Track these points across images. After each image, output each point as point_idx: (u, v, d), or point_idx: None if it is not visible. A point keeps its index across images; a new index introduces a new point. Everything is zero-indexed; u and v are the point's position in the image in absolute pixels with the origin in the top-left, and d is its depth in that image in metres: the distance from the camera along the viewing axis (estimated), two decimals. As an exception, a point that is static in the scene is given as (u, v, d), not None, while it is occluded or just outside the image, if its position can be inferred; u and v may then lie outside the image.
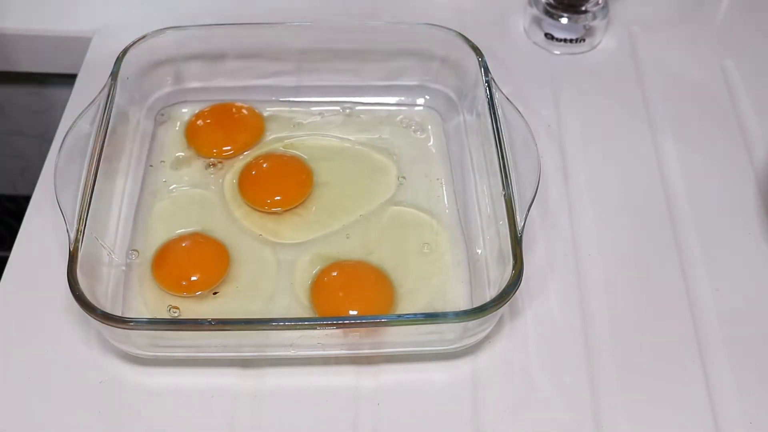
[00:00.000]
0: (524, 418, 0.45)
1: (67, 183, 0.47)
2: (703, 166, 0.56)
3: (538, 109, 0.59)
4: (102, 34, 0.64)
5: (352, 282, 0.49)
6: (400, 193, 0.54)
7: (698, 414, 0.45)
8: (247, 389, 0.45)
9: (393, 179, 0.55)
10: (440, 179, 0.55)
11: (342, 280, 0.49)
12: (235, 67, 0.58)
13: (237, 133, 0.56)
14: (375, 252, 0.51)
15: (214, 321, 0.43)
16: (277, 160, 0.55)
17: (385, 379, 0.46)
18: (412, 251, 0.51)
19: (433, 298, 0.49)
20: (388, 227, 0.52)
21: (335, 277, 0.49)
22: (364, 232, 0.52)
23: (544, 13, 0.63)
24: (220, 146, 0.56)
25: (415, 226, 0.52)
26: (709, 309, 0.49)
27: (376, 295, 0.49)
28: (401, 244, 0.51)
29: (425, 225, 0.52)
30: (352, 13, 0.66)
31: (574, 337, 0.48)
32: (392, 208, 0.53)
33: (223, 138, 0.56)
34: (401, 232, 0.52)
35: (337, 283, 0.49)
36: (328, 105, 0.59)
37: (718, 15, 0.68)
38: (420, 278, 0.49)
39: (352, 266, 0.50)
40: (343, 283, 0.49)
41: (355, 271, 0.50)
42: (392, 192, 0.54)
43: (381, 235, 0.52)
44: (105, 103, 0.51)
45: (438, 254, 0.51)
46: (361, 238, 0.51)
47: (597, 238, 0.52)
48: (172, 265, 0.49)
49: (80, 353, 0.46)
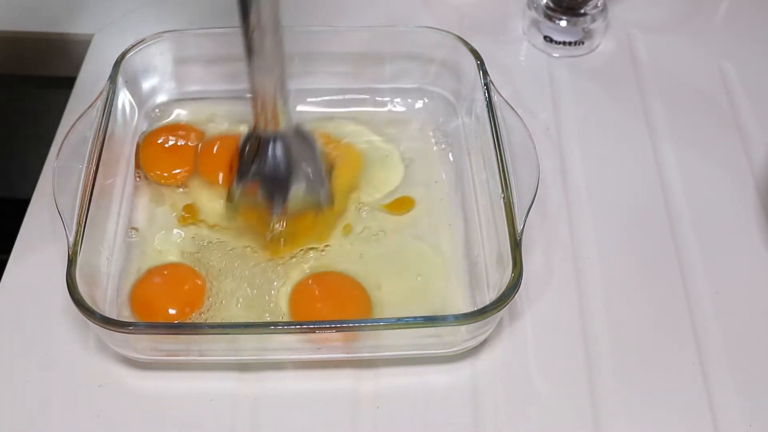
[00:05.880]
0: (524, 421, 0.45)
1: (66, 186, 0.47)
2: (702, 169, 0.56)
3: (537, 111, 0.60)
4: (101, 38, 0.64)
5: (328, 292, 0.49)
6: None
7: (698, 416, 0.45)
8: (247, 393, 0.45)
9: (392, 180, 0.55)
10: (438, 182, 0.55)
11: (318, 291, 0.49)
12: (235, 71, 0.57)
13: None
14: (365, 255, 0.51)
15: (213, 325, 0.43)
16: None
17: (384, 383, 0.46)
18: (410, 253, 0.51)
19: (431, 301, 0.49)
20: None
21: (310, 289, 0.49)
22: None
23: (543, 15, 0.63)
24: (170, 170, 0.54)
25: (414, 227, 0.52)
26: (708, 311, 0.49)
27: (352, 302, 0.49)
28: (398, 247, 0.51)
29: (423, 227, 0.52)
30: (351, 16, 0.66)
31: (573, 340, 0.48)
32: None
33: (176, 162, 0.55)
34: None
35: (313, 294, 0.49)
36: (326, 107, 0.59)
37: (717, 17, 0.68)
38: (417, 281, 0.49)
39: (325, 277, 0.50)
40: (319, 293, 0.49)
41: (330, 282, 0.49)
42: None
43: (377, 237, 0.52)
44: (104, 107, 0.51)
45: (436, 257, 0.51)
46: (357, 241, 0.51)
47: (596, 241, 0.52)
48: (145, 306, 0.48)
49: (79, 357, 0.46)
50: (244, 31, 0.42)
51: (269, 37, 0.42)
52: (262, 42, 0.42)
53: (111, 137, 0.51)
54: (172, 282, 0.49)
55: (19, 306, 0.49)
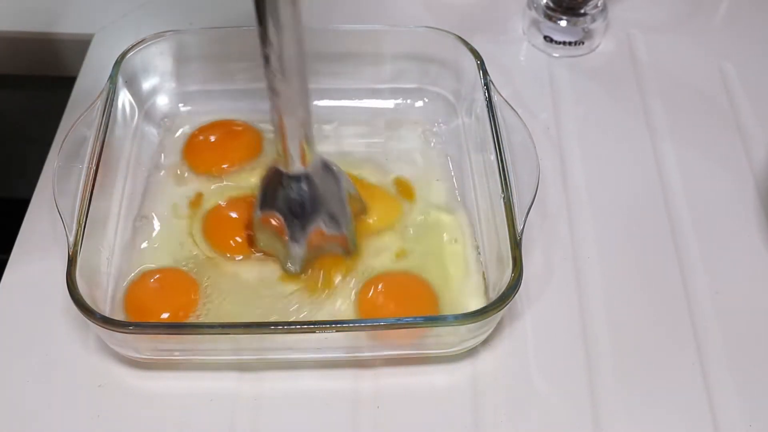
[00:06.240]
0: (524, 421, 0.45)
1: (66, 186, 0.47)
2: (702, 169, 0.56)
3: (537, 111, 0.60)
4: (101, 37, 0.64)
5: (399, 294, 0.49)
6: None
7: (698, 416, 0.45)
8: (247, 393, 0.45)
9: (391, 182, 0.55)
10: (439, 182, 0.55)
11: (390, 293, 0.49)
12: (235, 71, 0.58)
13: (234, 150, 0.56)
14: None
15: (213, 325, 0.43)
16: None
17: (384, 383, 0.46)
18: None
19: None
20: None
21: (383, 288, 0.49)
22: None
23: (543, 15, 0.63)
24: (217, 164, 0.55)
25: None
26: (708, 312, 0.49)
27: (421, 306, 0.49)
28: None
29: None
30: (351, 16, 0.66)
31: (573, 340, 0.48)
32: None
33: (219, 156, 0.55)
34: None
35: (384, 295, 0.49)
36: (326, 107, 0.59)
37: (717, 17, 0.68)
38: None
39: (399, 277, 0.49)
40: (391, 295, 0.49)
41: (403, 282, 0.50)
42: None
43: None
44: (104, 107, 0.51)
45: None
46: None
47: (596, 241, 0.52)
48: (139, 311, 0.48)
49: (79, 357, 0.46)
50: (267, 73, 0.41)
51: (294, 79, 0.41)
52: (287, 84, 0.41)
53: (111, 137, 0.51)
54: (165, 287, 0.49)
55: (19, 306, 0.49)
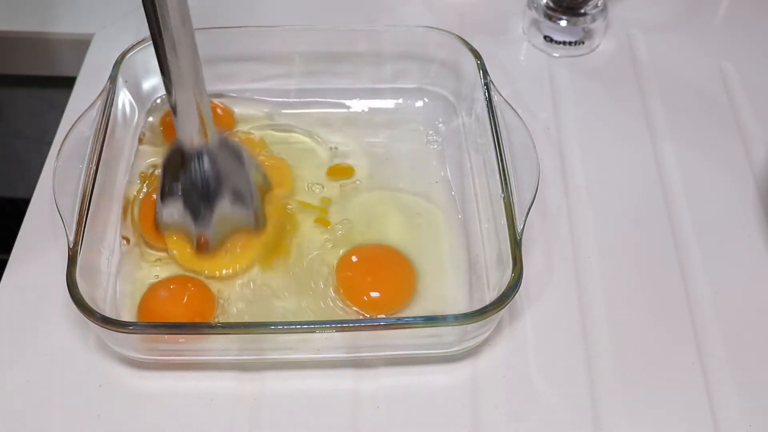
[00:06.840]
0: (524, 421, 0.45)
1: (67, 186, 0.47)
2: (702, 169, 0.56)
3: (537, 111, 0.60)
4: (101, 37, 0.64)
5: (376, 266, 0.50)
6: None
7: (698, 417, 0.45)
8: (247, 393, 0.45)
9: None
10: (439, 182, 0.55)
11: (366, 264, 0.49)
12: (234, 71, 0.58)
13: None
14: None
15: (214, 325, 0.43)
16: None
17: (384, 383, 0.46)
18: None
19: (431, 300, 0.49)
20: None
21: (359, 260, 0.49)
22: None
23: (543, 15, 0.63)
24: None
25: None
26: (709, 312, 0.49)
27: (400, 279, 0.49)
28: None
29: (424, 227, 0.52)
30: (351, 15, 0.66)
31: (573, 340, 0.48)
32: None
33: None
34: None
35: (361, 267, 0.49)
36: (327, 107, 0.59)
37: (717, 17, 0.68)
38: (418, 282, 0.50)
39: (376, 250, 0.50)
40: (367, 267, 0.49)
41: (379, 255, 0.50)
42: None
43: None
44: (104, 106, 0.51)
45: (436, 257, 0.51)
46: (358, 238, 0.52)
47: (596, 241, 0.52)
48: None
49: (79, 357, 0.46)
50: (156, 49, 0.42)
51: (184, 54, 0.43)
52: (177, 59, 0.42)
53: (111, 137, 0.51)
54: (180, 297, 0.48)
55: (19, 306, 0.49)
